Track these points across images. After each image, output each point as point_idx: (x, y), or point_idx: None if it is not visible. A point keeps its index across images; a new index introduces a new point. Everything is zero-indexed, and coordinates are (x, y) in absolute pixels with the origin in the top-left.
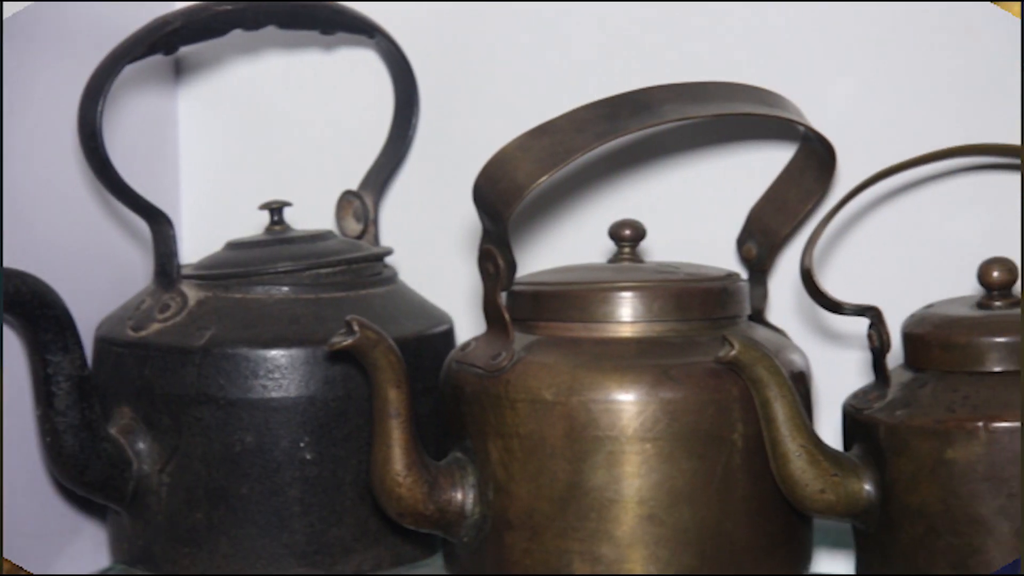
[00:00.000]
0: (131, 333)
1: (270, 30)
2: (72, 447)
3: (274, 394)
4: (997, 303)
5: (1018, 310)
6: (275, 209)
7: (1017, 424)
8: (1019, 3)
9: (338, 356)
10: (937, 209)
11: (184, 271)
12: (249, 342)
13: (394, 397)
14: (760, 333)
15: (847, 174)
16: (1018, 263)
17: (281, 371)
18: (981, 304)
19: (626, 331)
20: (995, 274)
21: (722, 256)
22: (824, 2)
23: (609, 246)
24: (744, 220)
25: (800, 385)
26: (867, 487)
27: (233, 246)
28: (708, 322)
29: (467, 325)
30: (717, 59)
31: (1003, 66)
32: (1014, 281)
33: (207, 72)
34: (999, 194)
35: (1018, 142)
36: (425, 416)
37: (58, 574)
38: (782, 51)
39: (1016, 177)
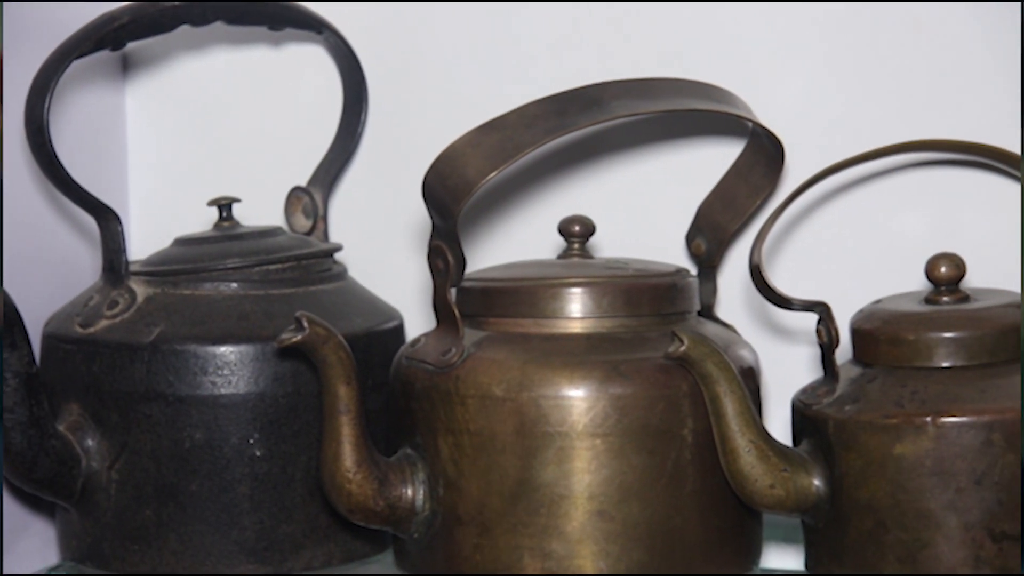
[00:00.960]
0: (79, 330)
1: (218, 26)
2: (20, 444)
3: (223, 391)
4: (945, 298)
5: (966, 305)
6: (224, 205)
7: (965, 419)
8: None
9: (287, 352)
10: (885, 205)
11: (132, 267)
12: (198, 338)
13: (344, 393)
14: (709, 329)
15: (795, 170)
16: (967, 259)
17: (230, 367)
18: (929, 299)
19: (576, 327)
20: (943, 269)
21: (671, 252)
22: (771, 1)
23: (559, 242)
24: (693, 216)
25: (749, 380)
26: (816, 482)
27: (182, 242)
28: (658, 318)
29: (417, 321)
30: (666, 56)
31: (950, 62)
32: (961, 276)
33: (155, 68)
34: (947, 190)
35: (963, 137)
36: (375, 412)
37: (6, 572)
38: (731, 47)
39: (964, 172)
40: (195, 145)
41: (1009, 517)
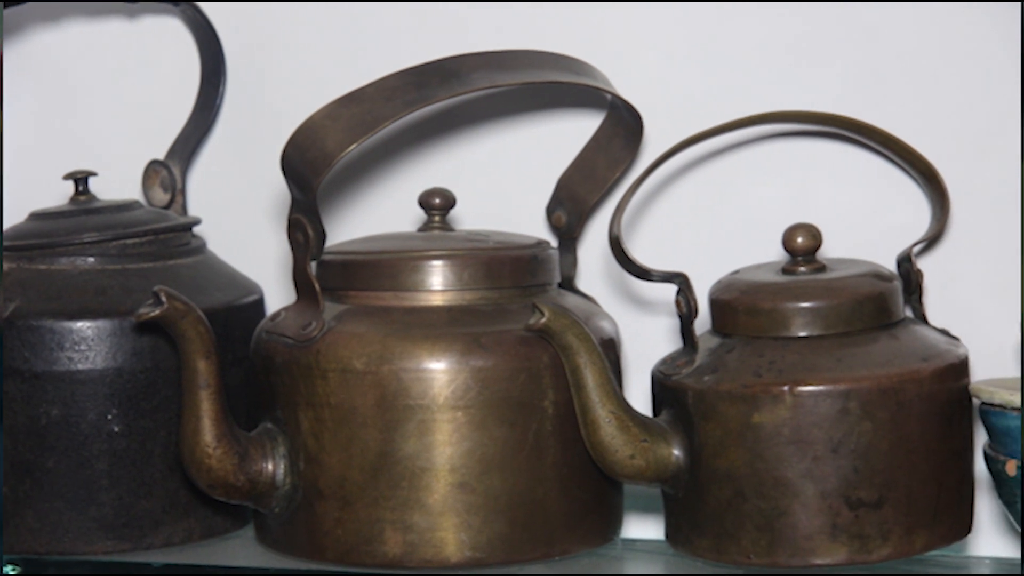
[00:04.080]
0: None
1: None
2: None
3: (80, 366)
4: (802, 268)
5: (822, 275)
6: (80, 179)
7: (821, 388)
8: (1019, 2)
9: (146, 327)
10: (743, 176)
11: None
12: (54, 314)
13: (203, 368)
14: (570, 300)
15: (654, 142)
16: (823, 229)
17: (87, 343)
18: (786, 270)
19: (436, 299)
20: (799, 240)
21: (532, 224)
22: None
23: (419, 215)
24: (553, 188)
25: (610, 352)
26: (676, 452)
27: (37, 216)
28: (518, 290)
29: (277, 295)
30: (526, 27)
31: (807, 33)
32: (818, 246)
33: (8, 40)
34: (803, 160)
35: (819, 109)
36: (235, 387)
37: None
38: (590, 19)
39: (819, 143)
40: (50, 118)
41: (865, 484)
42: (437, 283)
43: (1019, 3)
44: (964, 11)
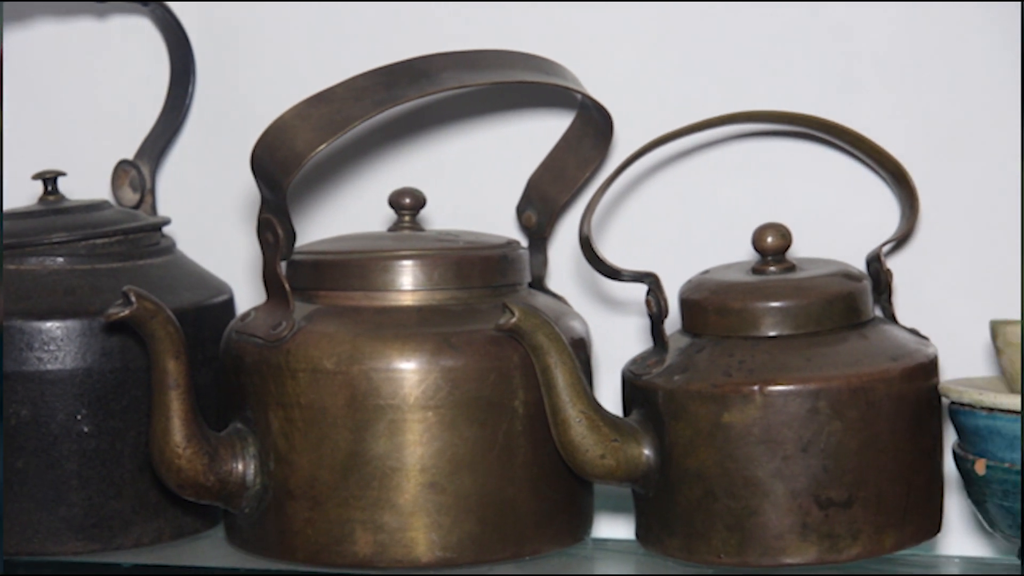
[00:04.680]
0: None
1: None
2: None
3: (50, 366)
4: (771, 268)
5: (792, 275)
6: (49, 179)
7: (791, 387)
8: (997, 3)
9: (115, 327)
10: (712, 176)
11: None
12: (23, 314)
13: (173, 368)
14: (540, 300)
15: (624, 141)
16: (792, 229)
17: (57, 343)
18: (756, 269)
19: (407, 299)
20: (769, 239)
21: (502, 224)
22: None
23: (389, 215)
24: (523, 188)
25: (580, 351)
26: (646, 452)
27: (6, 216)
28: (488, 290)
29: (247, 295)
30: (496, 27)
31: (772, 34)
32: (787, 246)
33: None
34: (773, 160)
35: (788, 109)
36: (205, 387)
37: None
38: (560, 19)
39: (789, 143)
40: (19, 118)
41: (835, 484)
42: (407, 283)
43: (996, 4)
44: (936, 11)
